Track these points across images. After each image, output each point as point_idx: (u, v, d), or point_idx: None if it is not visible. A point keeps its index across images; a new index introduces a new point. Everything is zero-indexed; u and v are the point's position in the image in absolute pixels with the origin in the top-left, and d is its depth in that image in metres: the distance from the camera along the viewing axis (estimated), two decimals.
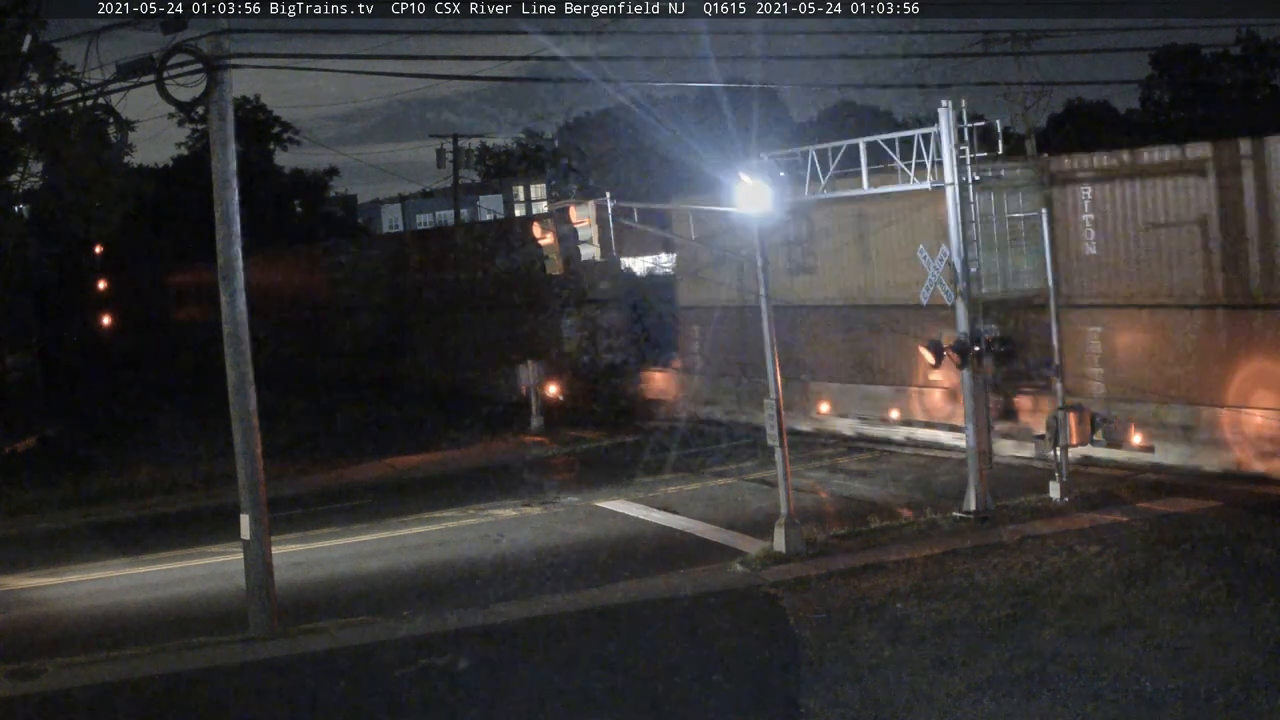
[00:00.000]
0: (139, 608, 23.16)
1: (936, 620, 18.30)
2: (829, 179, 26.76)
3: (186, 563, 26.35)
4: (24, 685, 18.60)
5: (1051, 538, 22.42)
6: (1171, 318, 27.23)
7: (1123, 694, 14.96)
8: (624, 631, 19.67)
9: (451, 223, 72.96)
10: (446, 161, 68.26)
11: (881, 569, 21.39)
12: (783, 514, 23.19)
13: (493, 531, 27.30)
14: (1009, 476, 26.96)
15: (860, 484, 29.44)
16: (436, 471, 35.27)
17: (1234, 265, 26.14)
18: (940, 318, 27.67)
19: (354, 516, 29.58)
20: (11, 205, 39.15)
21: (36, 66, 34.15)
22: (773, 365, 23.51)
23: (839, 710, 15.44)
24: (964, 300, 24.69)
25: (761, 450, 25.15)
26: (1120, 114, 73.46)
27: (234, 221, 20.42)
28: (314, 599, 22.42)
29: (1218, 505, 23.89)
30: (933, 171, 25.09)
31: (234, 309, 20.45)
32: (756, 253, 24.12)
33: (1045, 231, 25.95)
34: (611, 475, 32.35)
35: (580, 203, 27.66)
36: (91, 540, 29.08)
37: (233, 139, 20.46)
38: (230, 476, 22.04)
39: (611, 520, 27.65)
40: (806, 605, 19.83)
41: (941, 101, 24.76)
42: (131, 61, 20.01)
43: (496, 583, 22.92)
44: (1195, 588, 18.59)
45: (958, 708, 15.06)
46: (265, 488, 20.74)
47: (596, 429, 39.41)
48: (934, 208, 27.71)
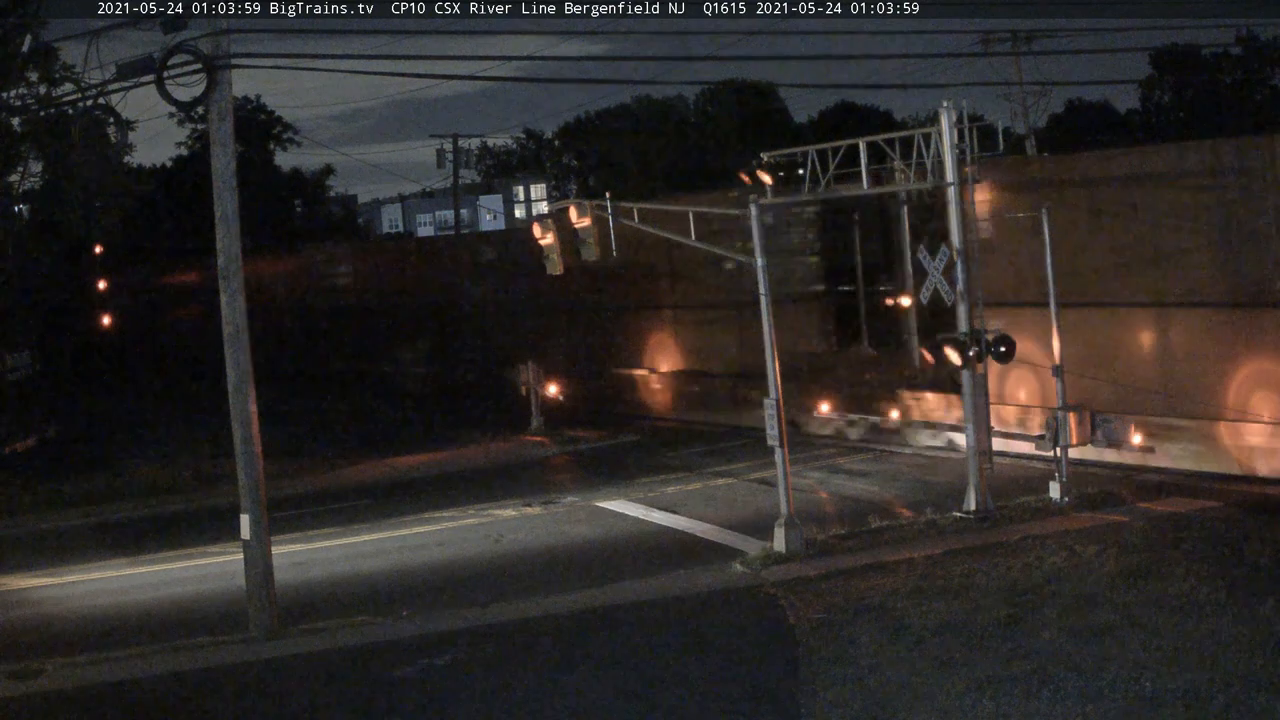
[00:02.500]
0: (139, 608, 23.15)
1: (936, 620, 18.29)
2: (829, 179, 26.78)
3: (186, 563, 26.35)
4: (24, 685, 18.58)
5: (1051, 538, 22.41)
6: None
7: (1123, 694, 14.94)
8: (624, 631, 19.66)
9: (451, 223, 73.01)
10: (446, 161, 68.25)
11: (881, 569, 21.38)
12: (783, 514, 23.19)
13: (493, 531, 27.30)
14: (1009, 476, 26.96)
15: (860, 484, 29.45)
16: (436, 471, 35.26)
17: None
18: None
19: (354, 516, 29.58)
20: (11, 205, 39.14)
21: (36, 66, 34.19)
22: (772, 365, 23.51)
23: (839, 710, 15.42)
24: (964, 300, 24.69)
25: (761, 450, 25.13)
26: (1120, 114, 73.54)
27: (234, 221, 20.42)
28: (314, 599, 22.41)
29: (1218, 505, 23.90)
30: (933, 171, 25.11)
31: (234, 309, 20.46)
32: (756, 252, 24.11)
33: (1045, 232, 25.92)
34: (611, 475, 32.37)
35: (580, 203, 27.65)
36: (91, 540, 29.08)
37: (233, 139, 20.47)
38: (230, 476, 22.06)
39: (611, 520, 27.65)
40: (806, 605, 19.82)
41: (942, 101, 24.81)
42: (131, 61, 20.04)
43: (496, 583, 22.92)
44: (1195, 588, 18.57)
45: (958, 708, 15.04)
46: (265, 488, 20.75)
47: (596, 429, 39.42)
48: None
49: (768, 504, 25.53)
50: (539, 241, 27.81)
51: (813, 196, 27.82)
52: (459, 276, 53.17)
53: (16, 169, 38.34)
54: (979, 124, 25.44)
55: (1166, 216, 27.50)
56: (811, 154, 26.96)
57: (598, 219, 26.26)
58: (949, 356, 24.74)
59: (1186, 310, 27.27)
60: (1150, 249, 28.14)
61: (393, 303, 56.12)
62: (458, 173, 69.41)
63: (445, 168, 68.87)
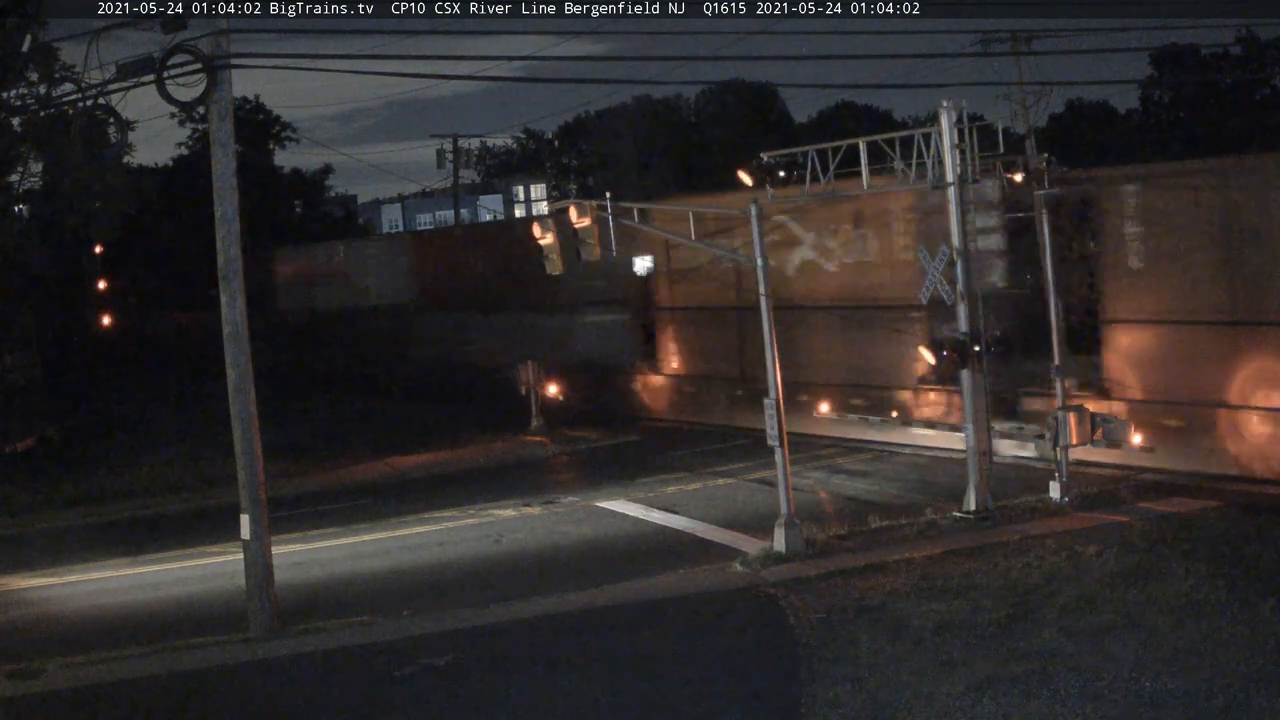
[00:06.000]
0: (139, 607, 23.16)
1: (936, 620, 18.29)
2: (828, 178, 26.79)
3: (186, 563, 26.36)
4: (24, 685, 18.60)
5: (1051, 538, 22.41)
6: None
7: (1123, 694, 14.95)
8: (624, 631, 19.66)
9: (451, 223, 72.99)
10: (446, 161, 68.29)
11: (881, 569, 21.38)
12: (783, 514, 23.19)
13: (492, 531, 27.31)
14: (1009, 476, 26.96)
15: (860, 484, 29.45)
16: (436, 471, 35.27)
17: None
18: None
19: (354, 516, 29.58)
20: (11, 205, 39.12)
21: (36, 66, 34.17)
22: (772, 365, 23.51)
23: (839, 710, 15.43)
24: (964, 300, 24.69)
25: (761, 450, 25.13)
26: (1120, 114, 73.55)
27: (234, 222, 20.43)
28: (314, 599, 22.41)
29: (1218, 505, 23.90)
30: (933, 171, 25.11)
31: (234, 309, 20.46)
32: (756, 252, 24.10)
33: (1045, 233, 25.92)
34: (611, 475, 32.36)
35: (580, 203, 27.65)
36: (91, 540, 29.07)
37: (233, 139, 20.48)
38: (230, 476, 22.06)
39: (611, 520, 27.66)
40: (806, 605, 19.82)
41: (942, 101, 24.80)
42: (131, 61, 20.03)
43: (496, 583, 22.93)
44: (1195, 588, 18.57)
45: (957, 708, 15.05)
46: (265, 488, 20.75)
47: (596, 429, 39.40)
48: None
49: (767, 504, 25.53)
50: (539, 241, 27.81)
51: (813, 196, 27.82)
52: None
53: (16, 169, 38.33)
54: (979, 124, 25.44)
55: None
56: (811, 154, 26.98)
57: (598, 219, 26.27)
58: (949, 357, 24.75)
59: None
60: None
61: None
62: (458, 173, 69.48)
63: (445, 168, 68.95)
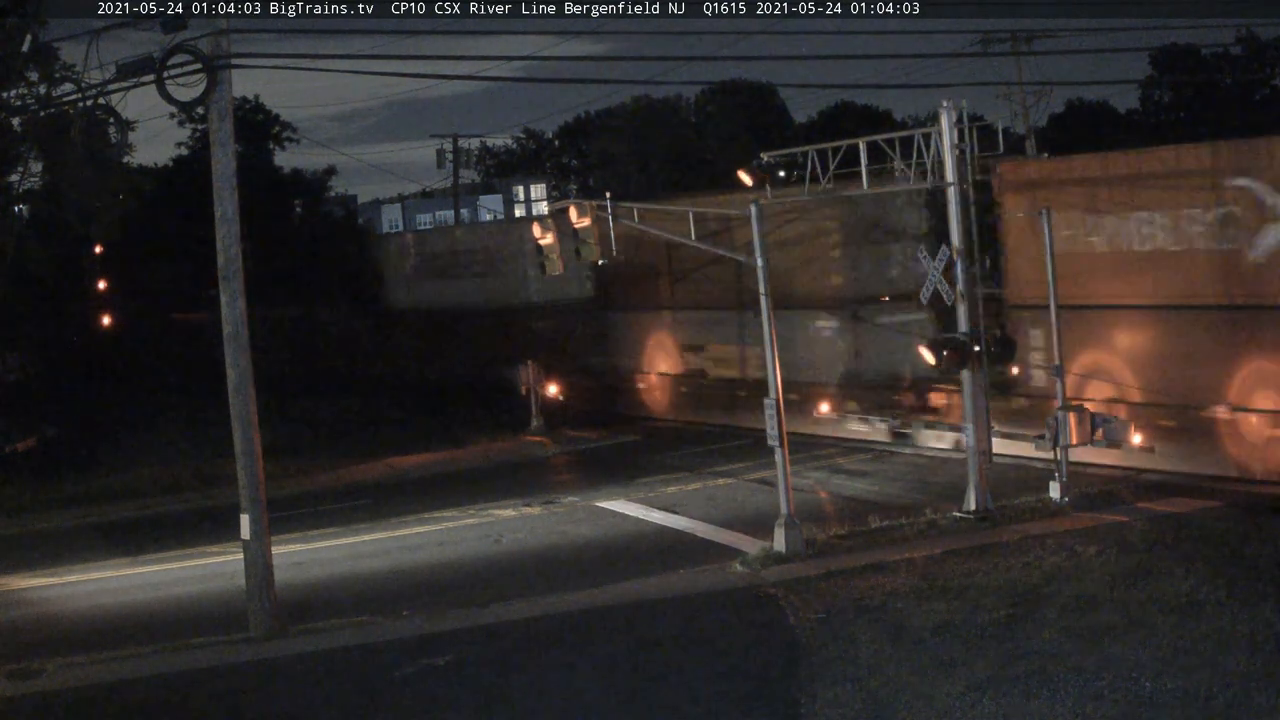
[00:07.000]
0: (139, 607, 23.17)
1: (936, 620, 18.29)
2: (828, 179, 26.79)
3: (186, 563, 26.37)
4: (24, 685, 18.61)
5: (1051, 538, 22.40)
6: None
7: (1123, 694, 14.95)
8: (624, 631, 19.66)
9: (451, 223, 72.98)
10: (446, 161, 68.31)
11: (881, 569, 21.37)
12: (783, 514, 23.19)
13: (493, 531, 27.31)
14: (1009, 476, 26.95)
15: (860, 484, 29.45)
16: (436, 471, 35.27)
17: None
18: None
19: (354, 516, 29.58)
20: (11, 205, 39.12)
21: (36, 66, 34.15)
22: (772, 365, 23.51)
23: (839, 710, 15.43)
24: (964, 300, 24.68)
25: (761, 450, 25.14)
26: (1120, 114, 73.55)
27: (234, 222, 20.42)
28: (314, 599, 22.41)
29: (1218, 505, 23.90)
30: (933, 171, 25.12)
31: (234, 309, 20.45)
32: (756, 252, 24.10)
33: (1047, 232, 25.90)
34: (611, 475, 32.36)
35: (580, 203, 27.66)
36: (91, 540, 29.10)
37: (233, 139, 20.47)
38: (230, 476, 22.05)
39: (611, 520, 27.66)
40: (806, 605, 19.82)
41: (942, 102, 24.80)
42: (131, 61, 20.03)
43: (496, 583, 22.93)
44: (1195, 588, 18.57)
45: (958, 708, 15.05)
46: (265, 488, 20.75)
47: (596, 429, 39.40)
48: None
49: (767, 504, 25.52)
50: (539, 241, 27.83)
51: (813, 196, 27.82)
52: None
53: (16, 169, 38.33)
54: (979, 124, 25.44)
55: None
56: (811, 154, 26.97)
57: (598, 219, 26.27)
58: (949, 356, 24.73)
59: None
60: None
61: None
62: (458, 173, 69.52)
63: (445, 168, 69.00)
